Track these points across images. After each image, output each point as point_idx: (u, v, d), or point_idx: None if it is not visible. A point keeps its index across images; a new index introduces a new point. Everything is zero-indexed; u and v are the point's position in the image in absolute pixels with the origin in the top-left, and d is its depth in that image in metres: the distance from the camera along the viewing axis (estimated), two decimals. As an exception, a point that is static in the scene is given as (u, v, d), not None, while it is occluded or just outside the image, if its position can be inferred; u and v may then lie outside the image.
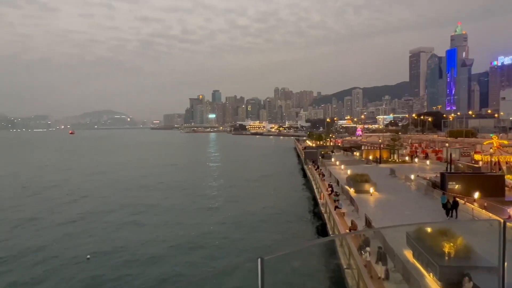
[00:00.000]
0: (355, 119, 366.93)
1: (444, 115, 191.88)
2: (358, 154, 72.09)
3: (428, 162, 58.30)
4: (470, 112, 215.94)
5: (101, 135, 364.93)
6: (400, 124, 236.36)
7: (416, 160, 61.23)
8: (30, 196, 47.94)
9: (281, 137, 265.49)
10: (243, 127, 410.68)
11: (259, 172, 68.23)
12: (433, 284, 13.93)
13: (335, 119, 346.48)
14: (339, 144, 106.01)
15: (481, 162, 43.50)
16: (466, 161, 48.67)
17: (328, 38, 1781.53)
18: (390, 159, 63.01)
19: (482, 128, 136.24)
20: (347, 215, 26.09)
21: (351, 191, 33.72)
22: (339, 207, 27.55)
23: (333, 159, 65.08)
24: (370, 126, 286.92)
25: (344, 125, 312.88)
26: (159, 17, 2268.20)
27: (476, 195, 27.82)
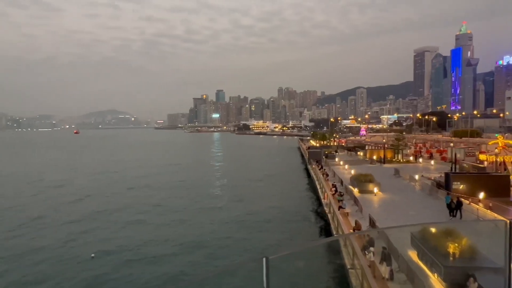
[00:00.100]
0: (359, 119, 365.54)
1: (449, 115, 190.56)
2: (362, 154, 71.85)
3: (433, 162, 58.05)
4: (475, 112, 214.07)
5: (106, 135, 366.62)
6: (405, 124, 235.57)
7: (421, 160, 61.02)
8: (35, 195, 48.28)
9: (285, 137, 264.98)
10: (247, 127, 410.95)
11: (263, 172, 68.25)
12: (438, 285, 13.87)
13: (339, 119, 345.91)
14: (343, 144, 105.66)
15: (486, 162, 43.27)
16: (471, 161, 48.28)
17: (332, 38, 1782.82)
18: (394, 159, 62.78)
19: (487, 128, 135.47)
20: (351, 215, 26.07)
21: (355, 191, 33.63)
22: (343, 207, 27.52)
23: (337, 159, 64.97)
24: (374, 126, 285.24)
25: (348, 125, 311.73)
26: (163, 17, 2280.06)
27: (481, 196, 27.63)
